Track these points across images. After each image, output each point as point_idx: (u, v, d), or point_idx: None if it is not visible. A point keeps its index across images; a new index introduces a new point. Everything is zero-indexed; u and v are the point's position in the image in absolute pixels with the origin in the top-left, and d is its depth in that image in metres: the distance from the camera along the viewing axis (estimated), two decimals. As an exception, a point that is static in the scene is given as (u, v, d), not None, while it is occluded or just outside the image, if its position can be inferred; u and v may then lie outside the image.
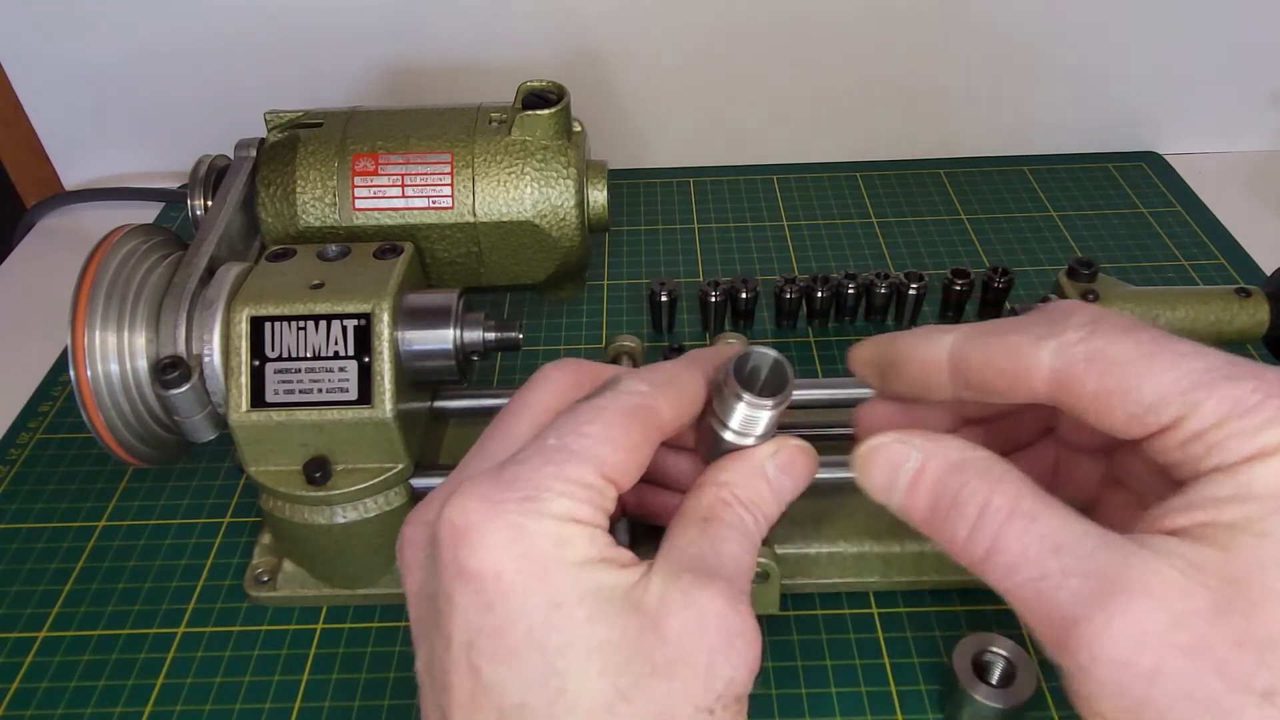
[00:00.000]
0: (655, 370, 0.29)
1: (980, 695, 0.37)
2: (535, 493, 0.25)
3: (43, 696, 0.42)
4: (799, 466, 0.30)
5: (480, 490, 0.25)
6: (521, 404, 0.30)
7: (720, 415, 0.29)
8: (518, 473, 0.25)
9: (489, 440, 0.29)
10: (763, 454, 0.29)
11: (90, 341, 0.39)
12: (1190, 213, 0.69)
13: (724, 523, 0.28)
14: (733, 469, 0.29)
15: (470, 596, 0.24)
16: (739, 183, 0.74)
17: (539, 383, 0.30)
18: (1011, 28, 0.69)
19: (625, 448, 0.26)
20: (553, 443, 0.26)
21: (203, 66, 0.71)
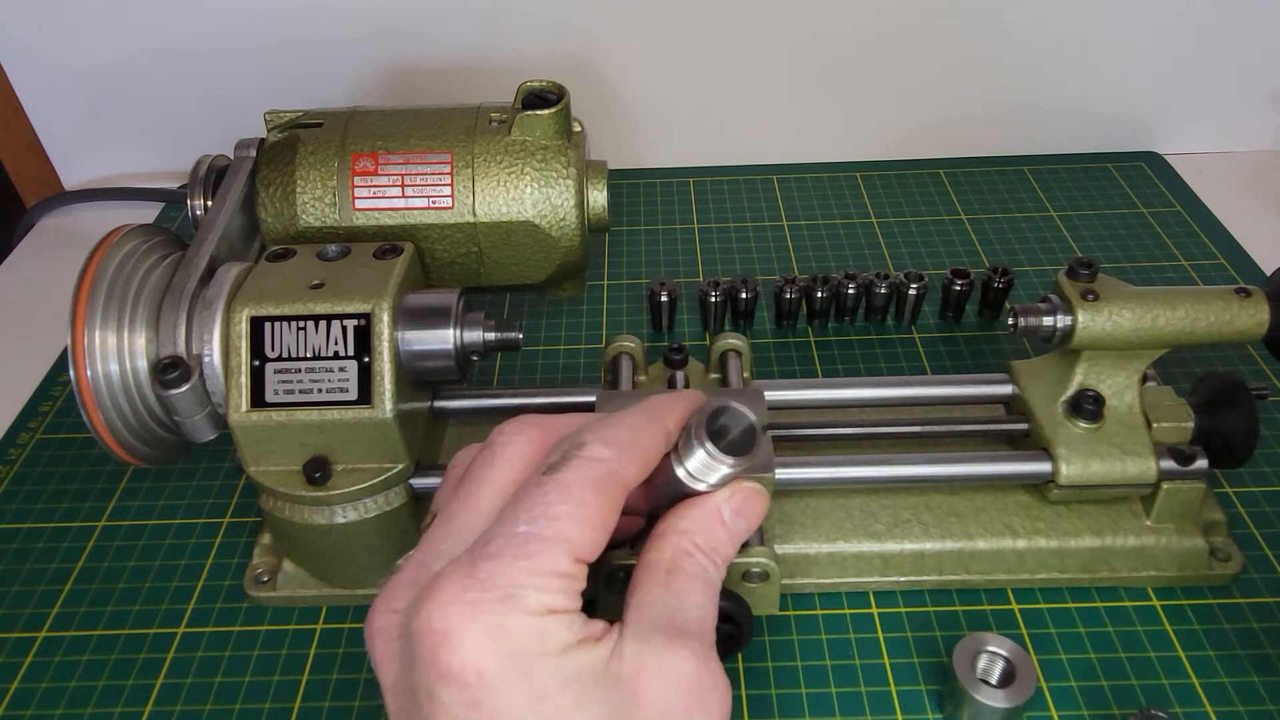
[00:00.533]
0: (617, 428, 0.29)
1: (980, 695, 0.37)
2: (511, 590, 0.25)
3: (43, 696, 0.42)
4: (753, 509, 0.31)
5: (455, 590, 0.25)
6: (483, 475, 0.30)
7: (682, 457, 0.30)
8: (491, 570, 0.25)
9: (454, 516, 0.29)
10: (719, 499, 0.30)
11: (90, 341, 0.39)
12: (1190, 213, 0.69)
13: (687, 574, 0.29)
14: (690, 516, 0.30)
15: (455, 695, 0.25)
16: (739, 183, 0.74)
17: (500, 450, 0.30)
18: (1011, 28, 0.69)
19: (595, 524, 0.27)
20: (524, 529, 0.26)
21: (203, 66, 0.71)
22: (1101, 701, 0.40)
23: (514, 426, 0.31)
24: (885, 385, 0.47)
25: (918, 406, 0.48)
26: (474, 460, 0.30)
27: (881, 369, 0.57)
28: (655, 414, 0.30)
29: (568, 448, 0.28)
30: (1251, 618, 0.43)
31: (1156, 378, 0.47)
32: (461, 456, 0.33)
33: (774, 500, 0.43)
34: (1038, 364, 0.46)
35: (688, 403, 0.31)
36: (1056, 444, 0.43)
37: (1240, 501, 0.48)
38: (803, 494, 0.45)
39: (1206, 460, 0.42)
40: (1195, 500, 0.43)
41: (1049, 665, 0.41)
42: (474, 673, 0.24)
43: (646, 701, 0.26)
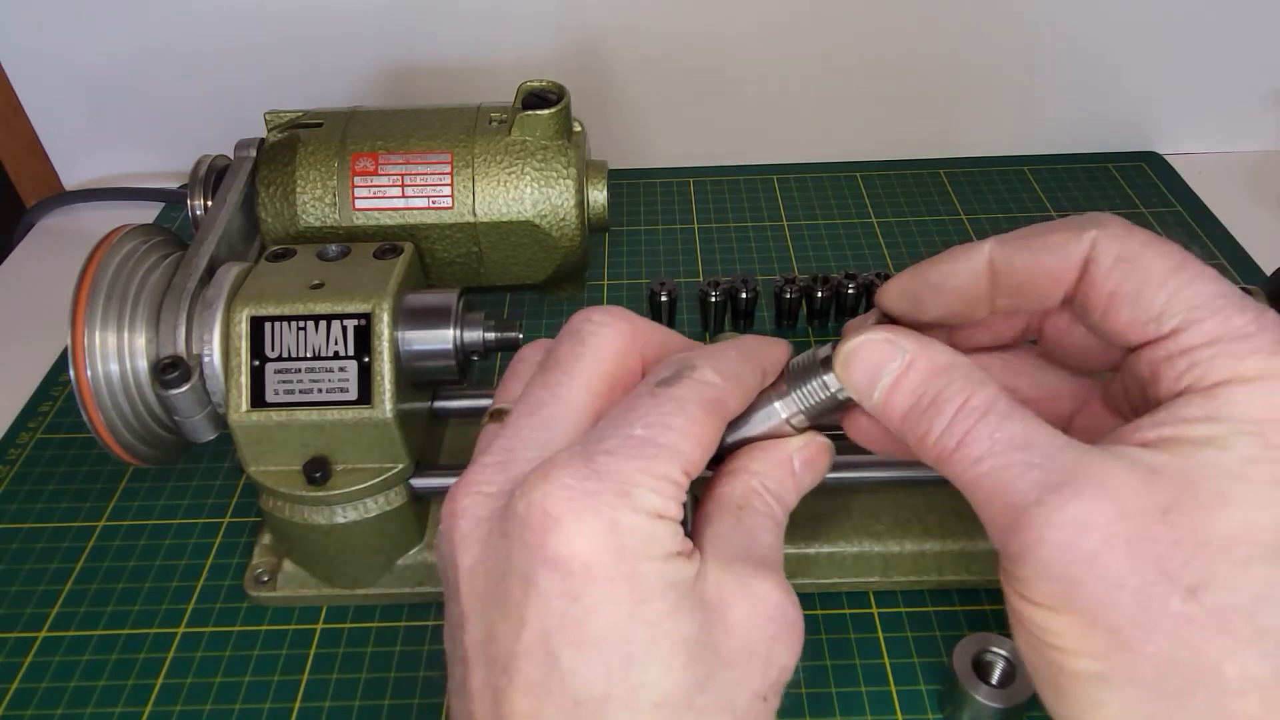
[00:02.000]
0: (721, 359, 0.28)
1: (980, 695, 0.37)
2: (628, 487, 0.25)
3: (43, 696, 0.42)
4: (820, 462, 0.30)
5: (572, 477, 0.25)
6: (572, 365, 0.28)
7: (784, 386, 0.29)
8: (608, 464, 0.25)
9: (541, 405, 0.28)
10: (793, 446, 0.30)
11: (90, 341, 0.39)
12: (1190, 213, 0.69)
13: (758, 512, 0.28)
14: (763, 459, 0.29)
15: (557, 584, 0.24)
16: (739, 183, 0.74)
17: (591, 340, 0.29)
18: (1011, 28, 0.69)
19: (703, 444, 0.27)
20: (640, 433, 0.26)
21: (203, 66, 0.71)
22: (1101, 701, 0.40)
23: (603, 316, 0.29)
24: (885, 385, 0.47)
25: (918, 406, 0.48)
26: (559, 347, 0.29)
27: (881, 369, 0.57)
28: (753, 354, 0.30)
29: (679, 367, 0.28)
30: (1251, 618, 0.43)
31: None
32: (529, 352, 0.32)
33: (774, 500, 0.43)
34: (1038, 364, 0.46)
35: (780, 348, 0.31)
36: (1056, 444, 0.43)
37: (1240, 501, 0.48)
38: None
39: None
40: (1195, 500, 0.43)
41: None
42: (581, 563, 0.24)
43: (732, 625, 0.26)
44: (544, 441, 0.27)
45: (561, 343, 0.29)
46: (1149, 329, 0.25)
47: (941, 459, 0.25)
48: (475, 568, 0.26)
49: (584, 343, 0.29)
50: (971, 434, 0.25)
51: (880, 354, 0.27)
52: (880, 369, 0.27)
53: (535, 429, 0.28)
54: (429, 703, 0.40)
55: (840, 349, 0.28)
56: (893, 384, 0.27)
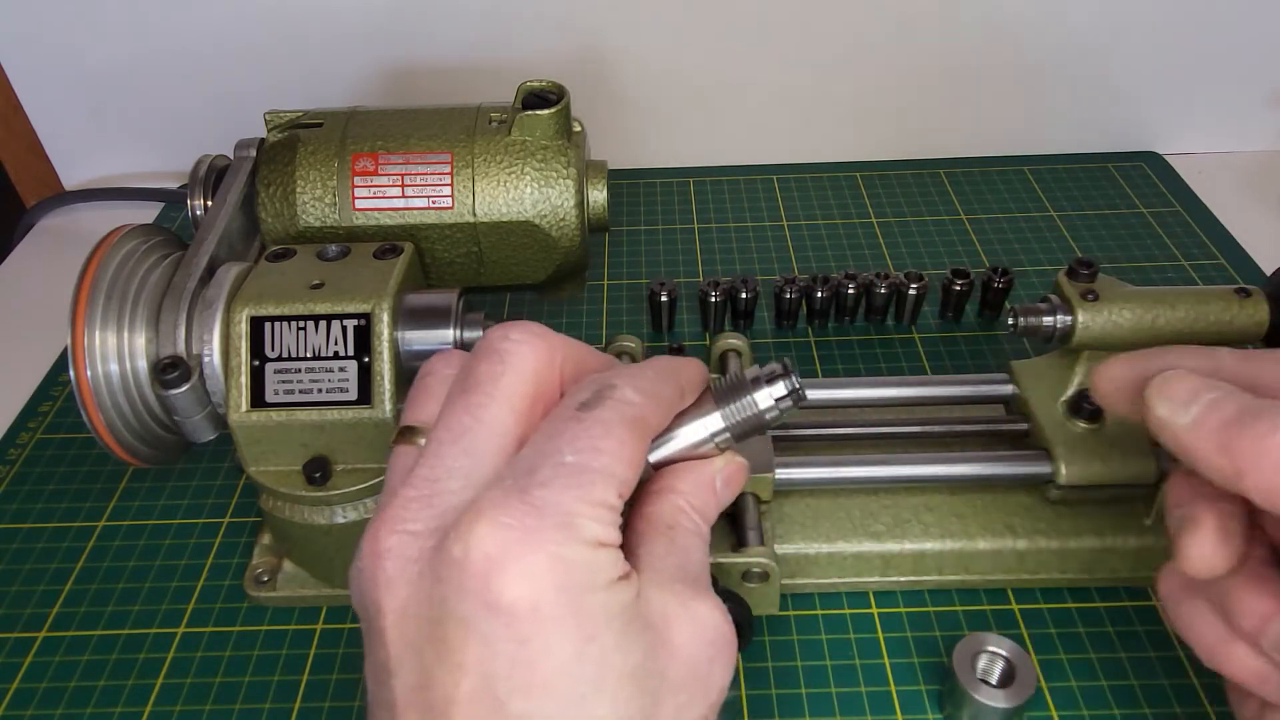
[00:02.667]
0: (640, 378, 0.28)
1: (980, 695, 0.37)
2: (569, 518, 0.24)
3: (43, 696, 0.42)
4: (738, 481, 0.31)
5: (511, 515, 0.24)
6: (496, 385, 0.27)
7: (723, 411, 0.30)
8: (545, 497, 0.24)
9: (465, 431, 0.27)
10: (715, 466, 0.30)
11: (90, 341, 0.39)
12: (1190, 213, 0.69)
13: (687, 530, 0.29)
14: (688, 479, 0.30)
15: (501, 628, 0.23)
16: (739, 183, 0.74)
17: (510, 359, 0.28)
18: (1012, 28, 0.69)
19: (633, 464, 0.27)
20: (571, 460, 0.25)
21: (203, 66, 0.71)
22: (1101, 701, 0.40)
23: (521, 333, 0.28)
24: (885, 385, 0.47)
25: (918, 406, 0.48)
26: (477, 365, 0.28)
27: (881, 369, 0.57)
28: (671, 372, 0.30)
29: (598, 388, 0.27)
30: (1251, 618, 0.43)
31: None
32: (438, 365, 0.31)
33: (774, 500, 0.43)
34: (1038, 364, 0.46)
35: (696, 367, 0.31)
36: (1056, 444, 0.43)
37: (1240, 501, 0.48)
38: (803, 494, 0.45)
39: (1206, 460, 0.42)
40: (1195, 500, 0.43)
41: (1049, 665, 0.41)
42: (528, 605, 0.23)
43: (677, 649, 0.26)
44: (468, 470, 0.26)
45: (480, 360, 0.28)
46: None
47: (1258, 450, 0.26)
48: (404, 611, 0.25)
49: (504, 361, 0.28)
50: None
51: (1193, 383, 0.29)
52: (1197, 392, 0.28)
53: (458, 456, 0.26)
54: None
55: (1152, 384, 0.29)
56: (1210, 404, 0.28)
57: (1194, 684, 0.40)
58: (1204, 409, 0.28)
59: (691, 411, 0.30)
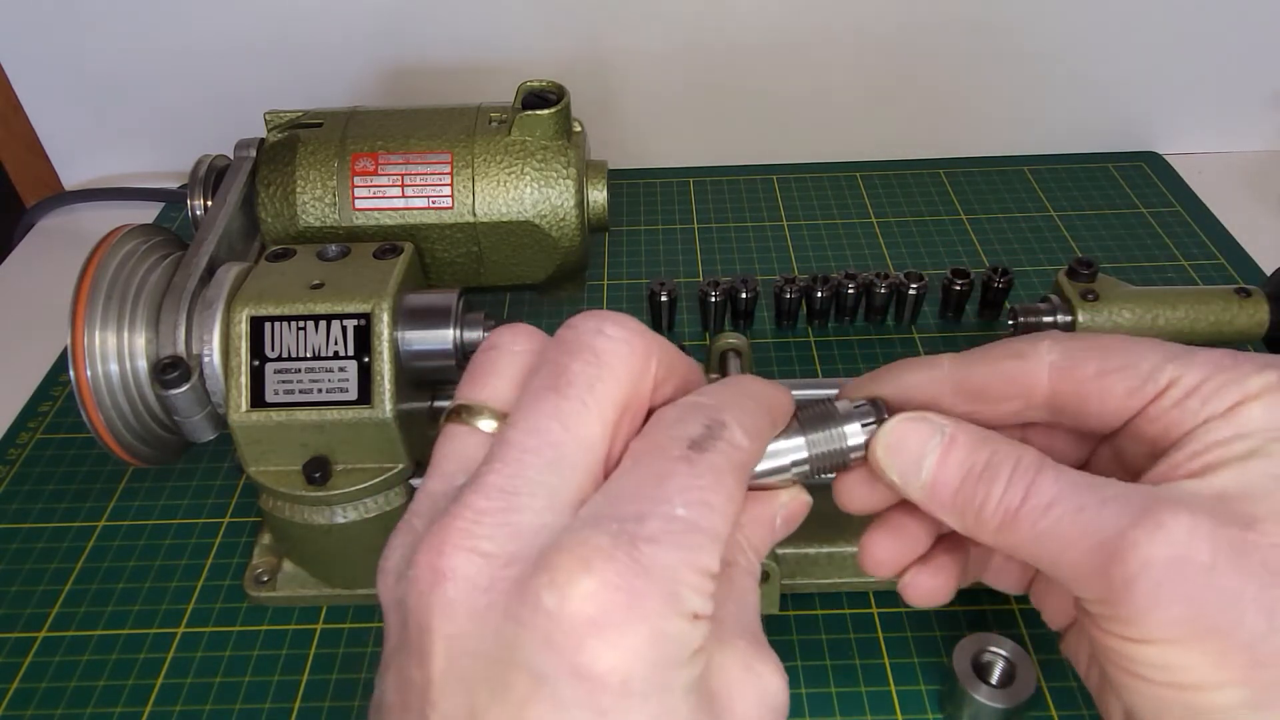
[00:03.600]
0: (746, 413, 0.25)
1: (980, 695, 0.37)
2: (675, 588, 0.22)
3: (43, 696, 0.42)
4: (798, 518, 0.29)
5: (618, 573, 0.21)
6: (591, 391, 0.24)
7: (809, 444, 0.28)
8: (655, 557, 0.21)
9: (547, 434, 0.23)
10: (780, 501, 0.28)
11: (90, 341, 0.39)
12: (1190, 213, 0.69)
13: (744, 570, 0.26)
14: (749, 511, 0.27)
15: (582, 696, 0.21)
16: (739, 183, 0.74)
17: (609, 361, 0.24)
18: (1011, 28, 0.69)
19: (735, 519, 0.24)
20: (681, 514, 0.22)
21: (203, 66, 0.71)
22: (1101, 701, 0.40)
23: (617, 329, 0.25)
24: (885, 385, 0.47)
25: (918, 406, 0.48)
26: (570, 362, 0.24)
27: (881, 369, 0.57)
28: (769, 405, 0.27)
29: (708, 423, 0.24)
30: (1251, 618, 0.43)
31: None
32: (506, 339, 0.27)
33: (774, 500, 0.43)
34: (1038, 364, 0.46)
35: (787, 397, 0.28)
36: (1056, 444, 0.43)
37: (1240, 501, 0.48)
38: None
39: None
40: (1195, 500, 0.43)
41: (1049, 665, 0.41)
42: (619, 679, 0.21)
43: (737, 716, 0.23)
44: (554, 489, 0.23)
45: (572, 357, 0.25)
46: (1146, 390, 0.26)
47: (1006, 520, 0.25)
48: (461, 641, 0.22)
49: (601, 362, 0.24)
50: (1035, 485, 0.25)
51: (919, 432, 0.27)
52: (922, 447, 0.26)
53: (543, 471, 0.23)
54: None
55: (879, 437, 0.27)
56: (939, 460, 0.26)
57: (1194, 684, 0.40)
58: (935, 470, 0.26)
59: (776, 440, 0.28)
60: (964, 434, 0.26)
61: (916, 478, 0.26)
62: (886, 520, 0.30)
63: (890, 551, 0.30)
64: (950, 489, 0.26)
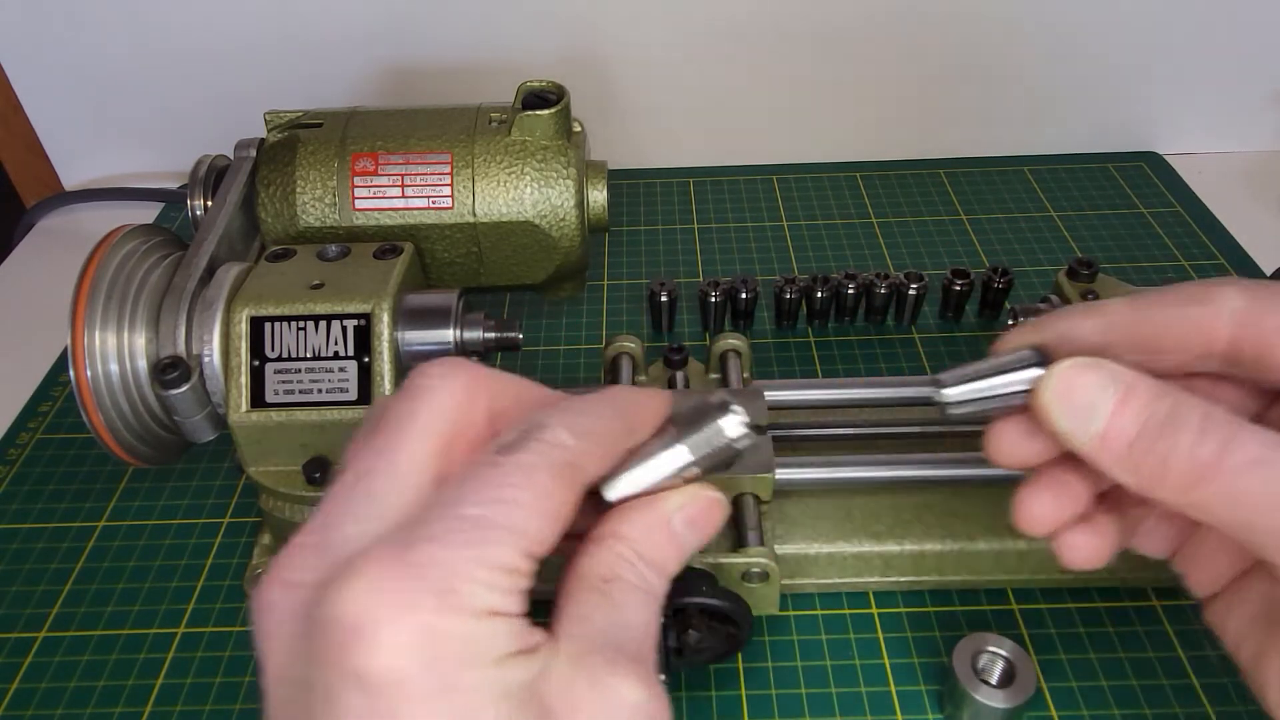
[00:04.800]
0: (579, 414, 0.25)
1: (981, 695, 0.37)
2: (453, 583, 0.21)
3: (43, 696, 0.42)
4: (709, 519, 0.27)
5: (384, 574, 0.21)
6: (405, 426, 0.25)
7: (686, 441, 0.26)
8: (431, 555, 0.21)
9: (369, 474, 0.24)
10: (670, 505, 0.26)
11: (90, 341, 0.39)
12: (1190, 213, 0.69)
13: (628, 586, 0.25)
14: (635, 521, 0.26)
15: (362, 701, 0.21)
16: (739, 183, 0.74)
17: (425, 398, 0.25)
18: (1011, 28, 0.69)
19: (555, 517, 0.23)
20: (473, 512, 0.22)
21: (203, 66, 0.71)
22: (1101, 701, 0.40)
23: (440, 369, 0.26)
24: (885, 385, 0.47)
25: (917, 406, 0.48)
26: (390, 407, 0.25)
27: (881, 369, 0.57)
28: (621, 408, 0.27)
29: (527, 428, 0.24)
30: (1251, 618, 0.43)
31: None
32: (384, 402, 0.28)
33: (774, 500, 0.43)
34: (1038, 364, 0.46)
35: (657, 401, 0.28)
36: (1056, 444, 0.43)
37: (1240, 501, 0.48)
38: (803, 494, 0.45)
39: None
40: (1195, 500, 0.43)
41: (1049, 665, 0.41)
42: (393, 679, 0.21)
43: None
44: (366, 516, 0.23)
45: (395, 399, 0.26)
46: None
47: (1198, 476, 0.23)
48: (280, 674, 0.22)
49: (417, 398, 0.25)
50: (1236, 440, 0.23)
51: (1091, 378, 0.25)
52: (1094, 394, 0.24)
53: (357, 500, 0.24)
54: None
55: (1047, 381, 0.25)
56: (1115, 408, 0.24)
57: (1194, 684, 0.40)
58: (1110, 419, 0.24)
59: (652, 444, 0.27)
60: (1142, 381, 0.24)
61: (1087, 427, 0.24)
62: (1045, 475, 0.28)
63: (1049, 508, 0.28)
64: (1125, 440, 0.24)
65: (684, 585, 0.38)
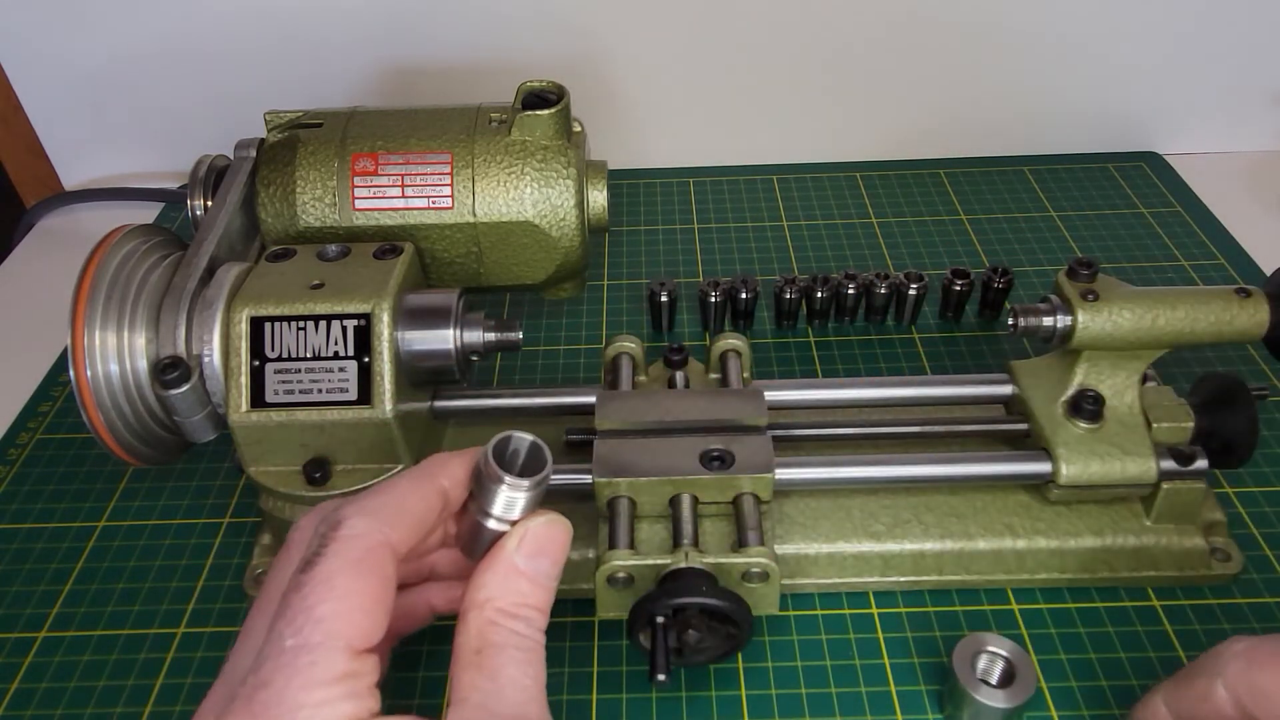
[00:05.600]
0: (378, 495, 0.27)
1: (981, 696, 0.37)
2: (299, 714, 0.23)
3: (43, 696, 0.42)
4: (552, 544, 0.28)
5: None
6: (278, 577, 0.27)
7: (480, 503, 0.28)
8: (267, 700, 0.23)
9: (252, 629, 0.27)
10: (509, 549, 0.28)
11: (90, 341, 0.39)
12: (1190, 213, 0.69)
13: (497, 647, 0.26)
14: (486, 582, 0.27)
15: None
16: (739, 183, 0.74)
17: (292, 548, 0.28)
18: (1011, 28, 0.69)
19: (367, 609, 0.25)
20: (290, 644, 0.24)
21: (203, 66, 0.71)
22: (1101, 701, 0.40)
23: (307, 519, 0.29)
24: (885, 385, 0.47)
25: (918, 406, 0.48)
26: (271, 562, 0.29)
27: (881, 369, 0.57)
28: (425, 473, 0.29)
29: (324, 530, 0.26)
30: (1251, 618, 0.43)
31: (1156, 378, 0.47)
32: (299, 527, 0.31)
33: (774, 500, 0.43)
34: (1038, 364, 0.46)
35: (463, 457, 0.30)
36: (1056, 444, 0.43)
37: (1240, 501, 0.48)
38: (803, 494, 0.45)
39: (1206, 460, 0.42)
40: (1195, 500, 0.43)
41: (1049, 665, 0.41)
42: None
43: None
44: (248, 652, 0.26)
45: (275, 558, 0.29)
46: None
47: None
48: None
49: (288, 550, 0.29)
50: None
51: None
52: None
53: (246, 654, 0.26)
54: (427, 703, 0.40)
55: None
56: None
57: (1194, 684, 0.40)
58: None
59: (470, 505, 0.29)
60: None
61: None
62: None
63: None
64: None
65: (684, 585, 0.38)
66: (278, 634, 0.24)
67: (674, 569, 0.39)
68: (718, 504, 0.42)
